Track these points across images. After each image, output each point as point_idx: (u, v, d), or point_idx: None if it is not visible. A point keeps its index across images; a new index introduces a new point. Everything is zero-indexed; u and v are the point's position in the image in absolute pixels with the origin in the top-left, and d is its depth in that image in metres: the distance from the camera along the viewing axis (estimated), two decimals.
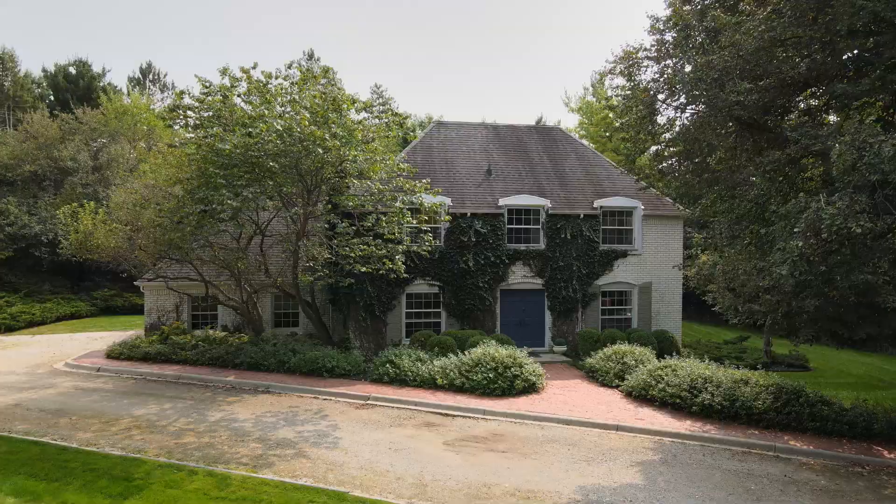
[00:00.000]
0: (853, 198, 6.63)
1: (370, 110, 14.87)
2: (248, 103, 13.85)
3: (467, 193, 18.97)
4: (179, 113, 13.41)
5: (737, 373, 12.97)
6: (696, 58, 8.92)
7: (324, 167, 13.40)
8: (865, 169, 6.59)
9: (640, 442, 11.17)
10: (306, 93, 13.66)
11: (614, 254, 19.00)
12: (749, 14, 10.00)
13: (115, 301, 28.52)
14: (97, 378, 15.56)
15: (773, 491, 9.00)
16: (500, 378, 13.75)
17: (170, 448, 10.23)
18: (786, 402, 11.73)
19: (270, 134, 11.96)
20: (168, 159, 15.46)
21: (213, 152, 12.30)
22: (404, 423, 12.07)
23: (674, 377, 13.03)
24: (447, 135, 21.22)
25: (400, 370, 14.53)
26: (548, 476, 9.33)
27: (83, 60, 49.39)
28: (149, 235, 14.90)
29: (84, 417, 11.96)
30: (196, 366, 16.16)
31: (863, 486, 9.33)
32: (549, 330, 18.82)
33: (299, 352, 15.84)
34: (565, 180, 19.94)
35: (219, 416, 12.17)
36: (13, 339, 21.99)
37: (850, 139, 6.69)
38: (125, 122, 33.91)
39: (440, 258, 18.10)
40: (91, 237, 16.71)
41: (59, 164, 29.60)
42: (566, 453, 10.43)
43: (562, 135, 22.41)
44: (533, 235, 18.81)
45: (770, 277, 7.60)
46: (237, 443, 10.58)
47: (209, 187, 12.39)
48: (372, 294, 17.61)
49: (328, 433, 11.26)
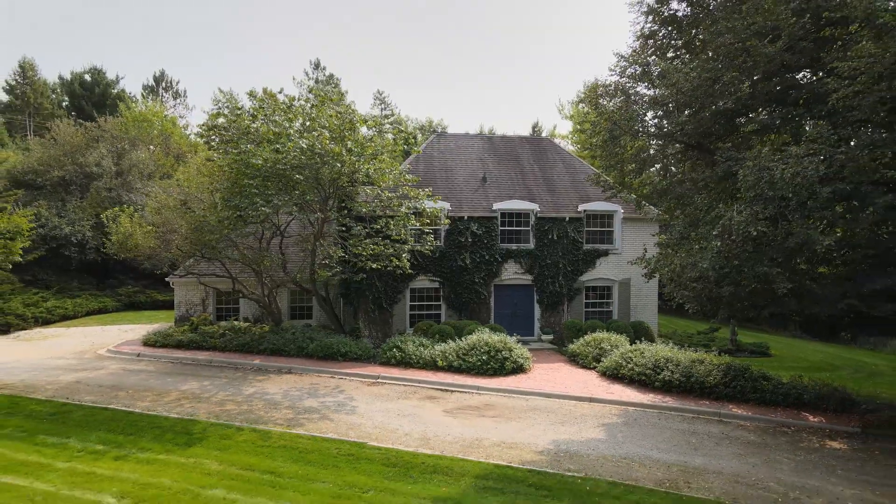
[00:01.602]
0: (753, 209, 8.71)
1: (379, 128, 16.99)
2: (273, 122, 15.97)
3: (465, 198, 21.10)
4: (215, 131, 15.52)
5: (694, 354, 15.12)
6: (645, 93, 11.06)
7: (339, 178, 15.54)
8: (764, 187, 8.68)
9: (608, 410, 13.30)
10: (324, 113, 15.78)
11: (596, 253, 21.15)
12: (694, 54, 12.16)
13: (139, 297, 30.65)
14: (139, 362, 17.70)
15: (710, 444, 11.12)
16: (493, 360, 15.88)
17: (216, 413, 12.36)
18: (732, 377, 13.87)
19: (295, 150, 14.09)
20: (201, 169, 17.57)
21: (247, 166, 14.43)
22: (409, 396, 14.19)
23: (641, 358, 15.17)
24: (446, 145, 23.38)
25: (405, 354, 16.66)
26: (528, 433, 11.45)
27: (98, 69, 51.50)
28: (186, 237, 17.00)
29: (138, 391, 14.09)
30: (224, 352, 18.28)
31: (784, 441, 11.46)
32: (537, 321, 20.98)
33: (316, 339, 17.97)
34: (553, 186, 22.08)
35: (252, 391, 14.30)
36: (51, 331, 24.12)
37: (752, 164, 8.78)
38: (144, 130, 36.02)
39: (440, 257, 20.24)
40: (130, 238, 18.84)
41: (85, 169, 31.71)
42: (545, 418, 12.55)
43: (551, 145, 24.55)
44: (523, 236, 20.95)
45: (697, 270, 9.70)
46: (271, 409, 12.71)
47: (244, 196, 14.54)
48: (380, 288, 19.76)
49: (346, 403, 13.38)
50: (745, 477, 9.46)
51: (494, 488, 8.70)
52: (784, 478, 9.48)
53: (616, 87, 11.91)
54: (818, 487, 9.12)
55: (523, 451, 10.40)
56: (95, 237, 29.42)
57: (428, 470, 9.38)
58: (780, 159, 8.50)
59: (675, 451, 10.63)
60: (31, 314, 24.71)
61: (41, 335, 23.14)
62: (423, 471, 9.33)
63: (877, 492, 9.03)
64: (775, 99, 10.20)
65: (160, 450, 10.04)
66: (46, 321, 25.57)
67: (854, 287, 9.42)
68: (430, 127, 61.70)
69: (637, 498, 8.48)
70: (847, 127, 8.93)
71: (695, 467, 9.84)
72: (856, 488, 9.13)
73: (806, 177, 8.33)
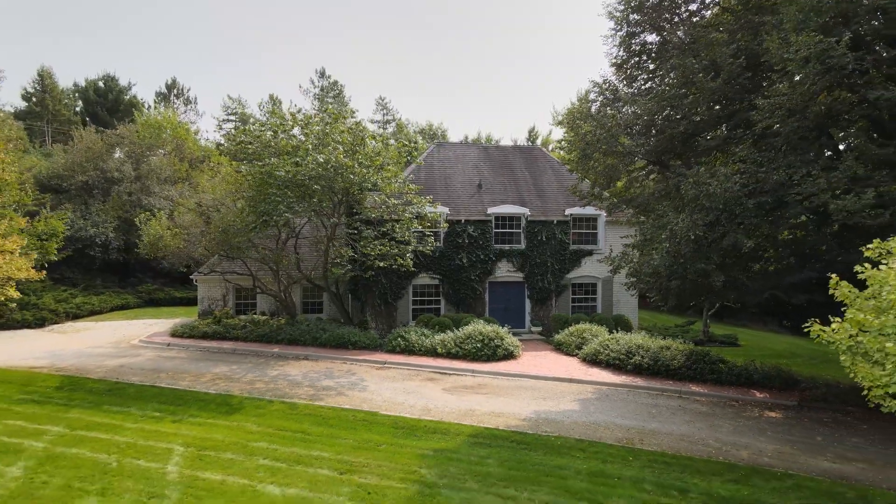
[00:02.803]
0: (694, 217, 10.74)
1: (386, 142, 19.08)
2: (292, 136, 18.05)
3: (462, 203, 23.19)
4: (242, 146, 17.61)
5: (662, 342, 17.19)
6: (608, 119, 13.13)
7: (351, 186, 17.63)
8: (703, 199, 10.72)
9: (584, 388, 15.38)
10: (337, 129, 17.86)
11: (582, 253, 23.23)
12: (662, 78, 14.26)
13: (158, 294, 32.74)
14: (170, 350, 19.78)
15: (667, 413, 13.20)
16: (486, 348, 17.96)
17: (248, 390, 14.44)
18: (694, 361, 15.95)
19: (313, 163, 16.17)
20: (226, 178, 19.64)
21: (270, 176, 16.51)
22: (413, 378, 16.27)
23: (616, 345, 17.25)
24: (445, 154, 25.48)
25: (408, 342, 18.75)
26: (514, 406, 13.52)
27: (111, 76, 53.62)
28: (213, 238, 19.07)
29: (176, 373, 16.17)
30: (246, 342, 20.35)
31: (730, 411, 13.54)
32: (528, 314, 23.07)
33: (328, 330, 20.05)
34: (542, 192, 24.17)
35: (275, 373, 16.38)
36: (81, 325, 26.19)
37: (692, 180, 10.83)
38: (159, 136, 38.10)
39: (440, 256, 22.32)
40: (161, 240, 20.92)
41: (106, 174, 33.79)
42: (529, 394, 14.63)
43: (541, 154, 26.65)
44: (515, 238, 23.04)
45: (651, 266, 11.72)
46: (294, 387, 14.79)
47: (268, 202, 16.62)
48: (385, 285, 21.86)
49: (358, 383, 15.47)
50: (689, 437, 11.54)
51: (483, 443, 10.77)
52: (722, 437, 11.56)
53: (588, 113, 13.97)
54: (747, 443, 11.20)
55: (509, 419, 12.47)
56: (118, 238, 31.52)
57: (429, 431, 11.45)
58: (713, 177, 10.57)
59: (636, 418, 12.70)
60: (62, 309, 26.79)
61: (73, 328, 25.21)
62: (425, 431, 11.41)
63: (794, 447, 11.10)
64: (718, 124, 12.25)
65: (207, 416, 12.12)
66: (76, 316, 27.65)
67: (777, 280, 11.46)
68: (430, 130, 63.80)
69: (598, 450, 10.55)
70: (770, 150, 10.99)
71: (650, 430, 11.92)
72: (777, 445, 11.21)
73: (733, 192, 10.39)
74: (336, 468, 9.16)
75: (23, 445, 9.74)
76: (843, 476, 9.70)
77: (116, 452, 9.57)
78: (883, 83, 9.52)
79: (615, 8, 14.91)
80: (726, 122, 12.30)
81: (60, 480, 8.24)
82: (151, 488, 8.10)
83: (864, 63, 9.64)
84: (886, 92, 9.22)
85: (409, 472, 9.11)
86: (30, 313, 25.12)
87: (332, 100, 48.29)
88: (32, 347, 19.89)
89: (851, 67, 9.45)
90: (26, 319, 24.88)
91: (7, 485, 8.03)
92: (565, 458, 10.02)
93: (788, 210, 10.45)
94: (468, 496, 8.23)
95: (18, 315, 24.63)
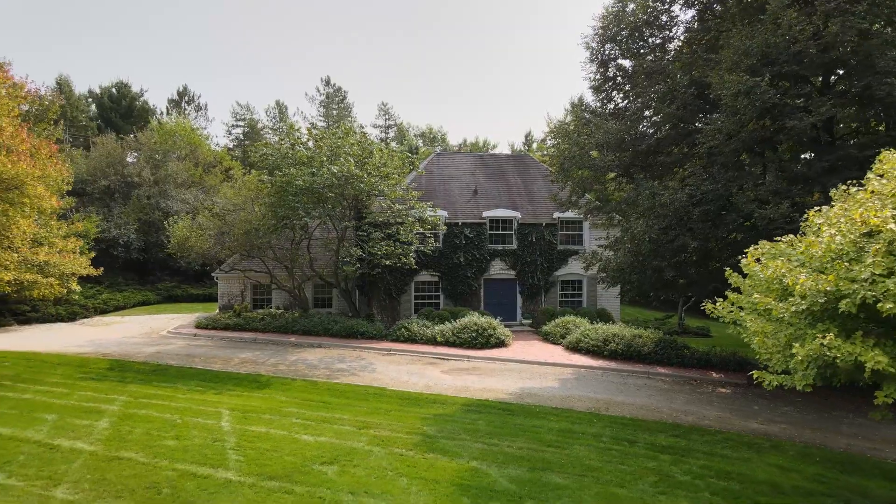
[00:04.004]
0: (650, 223, 12.95)
1: (391, 154, 21.35)
2: (308, 148, 20.31)
3: (459, 208, 25.44)
4: (263, 159, 19.87)
5: (636, 331, 19.43)
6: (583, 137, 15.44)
7: (360, 194, 19.89)
8: (658, 208, 12.93)
9: (565, 371, 17.62)
10: (348, 142, 20.12)
11: (569, 252, 25.49)
12: (636, 95, 16.56)
13: (175, 291, 35.00)
14: (196, 339, 22.03)
15: (633, 389, 15.44)
16: (480, 337, 20.21)
17: (272, 371, 16.68)
18: (662, 347, 18.18)
19: (328, 174, 18.44)
20: (247, 184, 21.91)
21: (288, 185, 18.77)
22: (415, 362, 18.51)
23: (595, 334, 19.49)
24: (444, 162, 27.75)
25: (411, 332, 21.00)
26: (502, 384, 15.76)
27: (124, 83, 55.83)
28: (237, 239, 21.30)
29: (208, 358, 18.42)
30: (265, 332, 22.61)
31: (688, 388, 15.78)
32: (519, 308, 25.33)
33: (338, 322, 22.31)
34: (533, 197, 26.43)
35: (294, 358, 18.63)
36: (109, 319, 28.45)
37: (647, 192, 13.05)
38: (177, 143, 40.38)
39: (439, 256, 24.56)
40: (187, 241, 23.18)
41: (127, 179, 36.06)
42: (516, 375, 16.87)
43: (532, 161, 28.92)
44: (508, 239, 25.29)
45: (615, 263, 13.92)
46: (312, 369, 17.03)
47: (287, 207, 18.88)
48: (390, 281, 24.11)
49: (367, 366, 17.72)
50: (648, 406, 13.78)
51: (474, 411, 13.01)
52: (675, 406, 13.80)
53: (564, 132, 16.23)
54: (695, 411, 13.44)
55: (497, 393, 14.72)
56: (139, 238, 33.78)
57: (430, 401, 13.70)
58: (665, 189, 12.80)
59: (606, 393, 14.95)
60: (91, 305, 29.06)
61: (102, 322, 27.47)
62: (426, 402, 13.65)
63: (733, 414, 13.34)
64: (675, 143, 14.47)
65: (242, 390, 14.36)
66: (103, 311, 29.92)
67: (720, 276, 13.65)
68: (430, 133, 66.11)
69: (569, 415, 12.79)
70: (715, 167, 13.21)
71: (616, 401, 14.15)
72: (719, 412, 13.45)
73: (682, 202, 12.63)
74: (355, 425, 11.41)
75: (101, 408, 11.99)
76: (766, 433, 11.95)
77: (178, 413, 11.82)
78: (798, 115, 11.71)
79: (591, 38, 17.18)
80: (682, 141, 14.54)
81: (141, 430, 10.49)
82: (213, 436, 10.34)
83: (783, 97, 11.86)
84: (799, 123, 11.43)
85: (413, 428, 11.35)
86: (62, 308, 27.37)
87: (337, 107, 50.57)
88: (73, 337, 22.16)
89: (772, 101, 11.67)
90: (59, 314, 27.14)
91: (101, 432, 10.28)
92: (542, 421, 12.26)
93: (727, 217, 12.67)
94: (461, 443, 10.47)
95: (53, 310, 26.89)
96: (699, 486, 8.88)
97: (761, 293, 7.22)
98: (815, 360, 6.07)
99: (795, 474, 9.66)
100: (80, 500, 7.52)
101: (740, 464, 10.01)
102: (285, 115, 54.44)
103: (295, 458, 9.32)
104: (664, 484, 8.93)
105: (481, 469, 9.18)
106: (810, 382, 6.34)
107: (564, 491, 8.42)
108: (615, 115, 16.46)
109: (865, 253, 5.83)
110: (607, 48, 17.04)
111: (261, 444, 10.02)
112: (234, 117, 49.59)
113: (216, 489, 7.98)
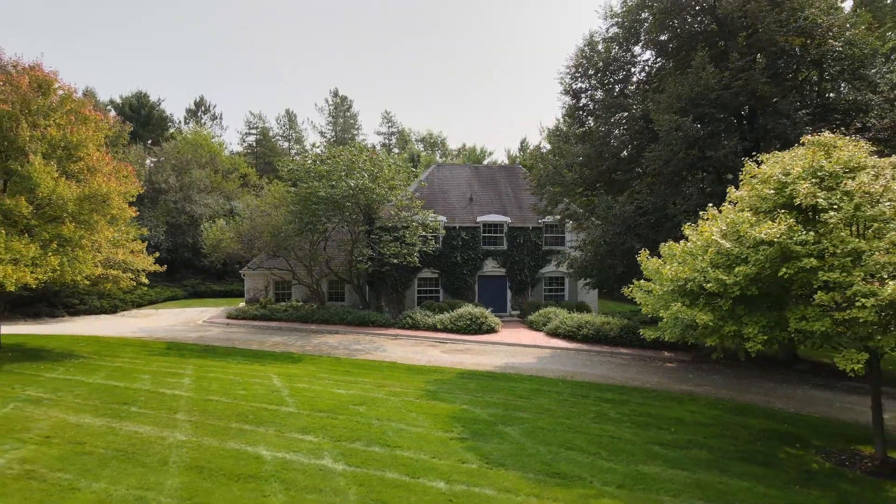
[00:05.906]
0: (605, 229, 16.45)
1: (398, 167, 24.91)
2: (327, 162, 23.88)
3: (457, 213, 28.98)
4: (290, 174, 23.43)
5: (605, 318, 22.97)
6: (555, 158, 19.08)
7: (371, 202, 23.47)
8: (612, 218, 16.43)
9: (543, 351, 21.15)
10: (361, 157, 23.68)
11: (552, 252, 29.03)
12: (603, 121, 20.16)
13: (200, 288, 38.57)
14: (230, 327, 25.58)
15: (596, 363, 18.97)
16: (473, 324, 23.76)
17: (301, 350, 20.23)
18: (625, 332, 21.69)
19: (345, 186, 22.00)
20: (273, 192, 25.50)
21: (313, 195, 22.33)
22: (419, 344, 22.05)
23: (571, 321, 23.02)
24: (443, 173, 31.32)
25: (415, 321, 24.55)
26: (490, 360, 19.30)
27: (143, 93, 59.35)
28: (267, 242, 24.83)
29: (244, 341, 21.97)
30: (288, 321, 26.15)
31: (641, 363, 19.31)
32: (509, 301, 28.88)
33: (352, 313, 25.85)
34: (521, 203, 29.98)
35: (317, 342, 22.18)
36: (145, 311, 32.01)
37: (604, 205, 16.56)
38: (196, 151, 43.94)
39: (439, 255, 28.09)
40: (220, 242, 26.75)
41: (154, 185, 39.59)
42: (502, 354, 20.41)
43: (521, 171, 32.48)
44: (499, 241, 28.83)
45: (580, 261, 17.39)
46: (334, 349, 20.58)
47: (311, 214, 22.45)
48: (396, 277, 27.67)
49: (379, 347, 21.26)
50: (605, 375, 17.31)
51: (466, 377, 16.54)
52: (628, 375, 17.33)
53: (540, 156, 19.74)
54: (642, 378, 16.97)
55: (486, 366, 18.26)
56: (167, 240, 37.31)
57: (431, 371, 17.24)
58: (617, 203, 16.32)
59: (574, 367, 18.49)
60: (129, 298, 32.61)
61: (141, 314, 31.03)
62: (428, 372, 17.19)
63: (670, 380, 16.87)
64: (630, 163, 18.00)
65: (281, 363, 17.90)
66: (139, 304, 33.49)
67: None
68: (430, 138, 69.69)
69: (541, 379, 16.31)
70: (659, 185, 16.73)
71: (581, 372, 17.68)
72: (660, 379, 16.98)
73: (629, 213, 16.15)
74: (374, 385, 14.95)
75: (179, 372, 15.55)
76: (691, 392, 15.47)
77: (237, 375, 15.37)
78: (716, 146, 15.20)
79: (564, 74, 20.74)
80: (634, 162, 18.06)
81: (216, 386, 14.04)
82: (270, 388, 13.89)
83: (706, 132, 15.36)
84: (715, 153, 14.93)
85: (419, 387, 14.88)
86: (105, 301, 30.93)
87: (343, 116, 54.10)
88: (123, 326, 25.71)
89: (696, 136, 15.17)
90: (103, 306, 30.70)
91: (188, 386, 13.83)
92: (518, 383, 15.79)
93: (665, 224, 16.19)
94: (455, 395, 14.01)
95: (97, 303, 30.45)
96: (623, 420, 12.42)
97: (651, 278, 10.78)
98: (675, 322, 9.63)
99: (699, 415, 13.21)
100: (195, 419, 11.07)
101: (661, 409, 13.55)
102: (294, 123, 58.03)
103: (334, 401, 12.88)
104: (601, 419, 12.48)
105: (469, 409, 12.72)
106: (675, 337, 9.90)
107: (526, 420, 11.98)
108: (585, 137, 19.97)
109: (703, 254, 9.40)
110: (578, 83, 20.61)
111: (307, 393, 13.57)
112: (248, 126, 53.16)
113: (285, 416, 11.53)
